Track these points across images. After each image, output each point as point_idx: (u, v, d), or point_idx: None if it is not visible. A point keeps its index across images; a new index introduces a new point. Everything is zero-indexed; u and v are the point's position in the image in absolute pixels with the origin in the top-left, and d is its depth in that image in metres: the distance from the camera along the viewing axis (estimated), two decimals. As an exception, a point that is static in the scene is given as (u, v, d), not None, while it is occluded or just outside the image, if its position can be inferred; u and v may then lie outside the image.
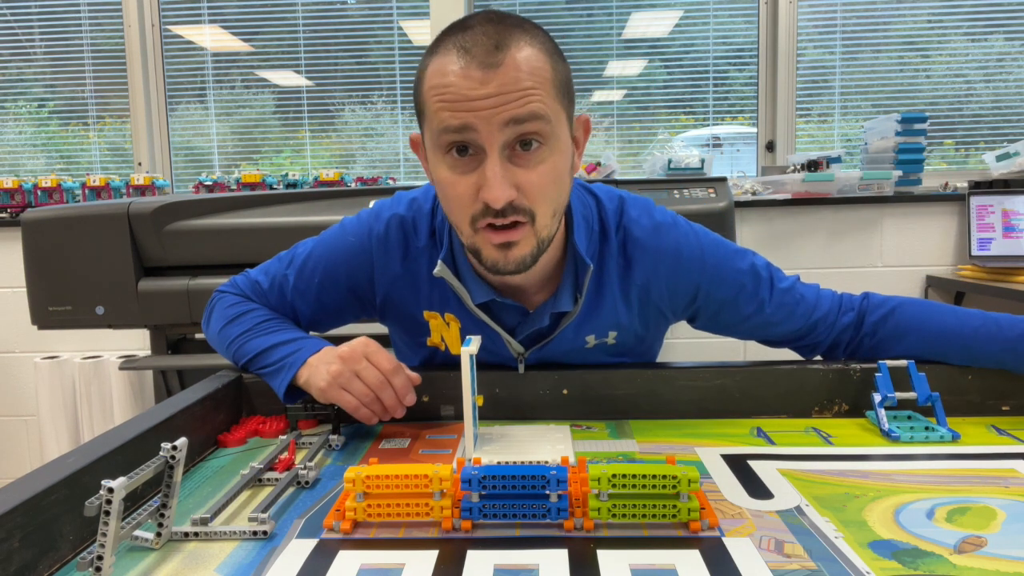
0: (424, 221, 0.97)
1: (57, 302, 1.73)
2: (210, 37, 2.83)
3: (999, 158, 2.37)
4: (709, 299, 0.98)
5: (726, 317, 1.00)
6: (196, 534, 0.61)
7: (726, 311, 0.99)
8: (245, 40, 2.85)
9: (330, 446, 0.84)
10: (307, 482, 0.72)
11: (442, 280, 0.94)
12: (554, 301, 0.93)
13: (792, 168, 2.43)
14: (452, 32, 0.80)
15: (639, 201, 0.99)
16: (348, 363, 0.83)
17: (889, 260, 2.39)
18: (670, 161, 2.30)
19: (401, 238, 0.97)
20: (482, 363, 0.94)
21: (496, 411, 0.92)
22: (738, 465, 0.75)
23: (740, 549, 0.56)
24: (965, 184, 2.43)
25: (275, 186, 2.46)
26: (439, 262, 0.91)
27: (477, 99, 0.76)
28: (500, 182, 0.77)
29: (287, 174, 2.48)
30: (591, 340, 0.98)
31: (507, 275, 0.86)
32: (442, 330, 0.98)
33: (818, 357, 1.04)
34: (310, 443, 0.85)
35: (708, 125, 2.80)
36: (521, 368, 0.97)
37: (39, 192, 2.40)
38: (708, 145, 2.81)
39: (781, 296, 0.99)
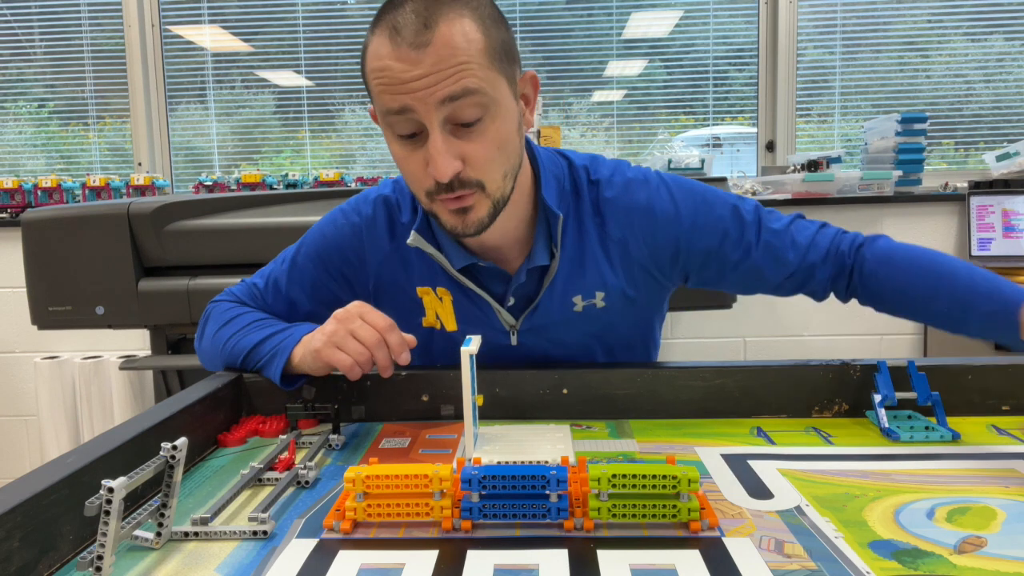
0: (407, 199, 1.01)
1: (57, 302, 1.73)
2: (210, 37, 2.83)
3: (999, 158, 2.37)
4: (692, 252, 0.98)
5: (715, 268, 0.99)
6: (196, 534, 0.61)
7: (713, 262, 0.98)
8: (245, 40, 2.85)
9: (330, 446, 0.84)
10: (307, 482, 0.72)
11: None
12: (530, 257, 0.94)
13: (792, 168, 2.43)
14: (386, 9, 0.81)
15: (611, 161, 1.01)
16: (343, 323, 0.85)
17: (889, 260, 2.38)
18: (670, 161, 2.31)
19: (387, 216, 1.01)
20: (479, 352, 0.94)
21: (496, 411, 0.92)
22: (738, 465, 0.75)
23: (740, 549, 0.56)
24: (965, 184, 2.43)
25: (275, 186, 2.46)
26: (412, 232, 0.93)
27: (410, 80, 0.78)
28: (444, 157, 0.80)
29: (287, 174, 2.48)
30: (578, 301, 0.98)
31: (468, 237, 0.89)
32: (436, 306, 1.00)
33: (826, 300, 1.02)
34: (310, 443, 0.85)
35: (708, 125, 2.80)
36: (514, 340, 0.97)
37: (39, 192, 2.40)
38: (708, 145, 2.81)
39: (770, 238, 0.97)
